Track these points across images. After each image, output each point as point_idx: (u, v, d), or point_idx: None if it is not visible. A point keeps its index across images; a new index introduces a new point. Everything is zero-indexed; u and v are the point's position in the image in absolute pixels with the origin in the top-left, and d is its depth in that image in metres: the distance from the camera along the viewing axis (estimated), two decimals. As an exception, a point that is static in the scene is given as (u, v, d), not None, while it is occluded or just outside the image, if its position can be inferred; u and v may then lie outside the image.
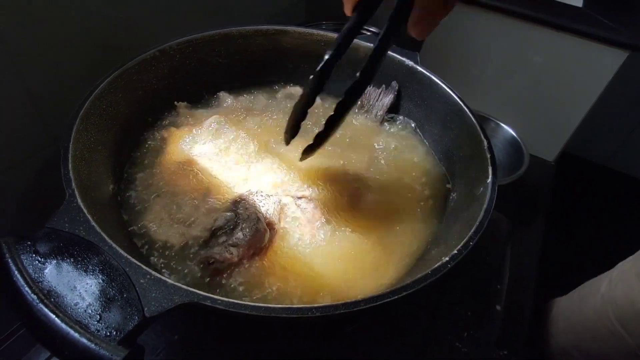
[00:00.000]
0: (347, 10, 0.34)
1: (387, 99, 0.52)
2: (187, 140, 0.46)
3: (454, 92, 0.46)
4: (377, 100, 0.53)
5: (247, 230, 0.36)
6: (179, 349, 0.37)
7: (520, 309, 0.67)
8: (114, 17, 0.52)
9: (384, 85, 0.53)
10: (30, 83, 0.46)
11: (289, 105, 0.53)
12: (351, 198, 0.43)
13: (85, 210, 0.29)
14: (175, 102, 0.50)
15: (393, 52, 0.52)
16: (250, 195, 0.40)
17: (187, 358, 0.37)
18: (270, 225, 0.38)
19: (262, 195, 0.40)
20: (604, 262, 0.72)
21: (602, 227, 1.46)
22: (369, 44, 0.50)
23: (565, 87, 0.88)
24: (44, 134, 0.50)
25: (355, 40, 0.39)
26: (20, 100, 0.46)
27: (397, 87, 0.53)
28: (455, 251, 0.30)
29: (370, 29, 0.92)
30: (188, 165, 0.43)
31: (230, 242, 0.35)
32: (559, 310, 0.73)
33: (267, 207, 0.39)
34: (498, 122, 0.90)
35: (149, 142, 0.46)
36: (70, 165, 0.32)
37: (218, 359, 0.38)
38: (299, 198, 0.41)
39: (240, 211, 0.37)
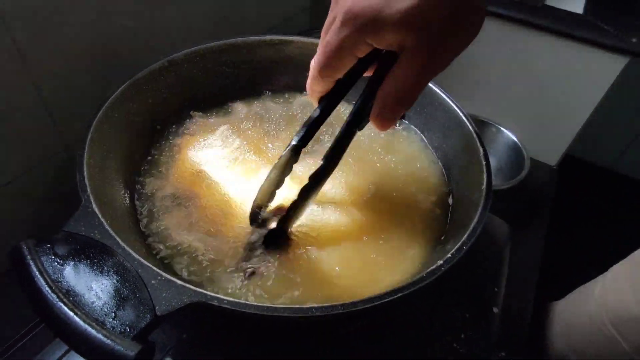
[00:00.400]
0: (314, 102, 0.36)
1: None
2: (199, 148, 0.48)
3: (452, 101, 0.48)
4: None
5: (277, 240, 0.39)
6: (187, 347, 0.39)
7: (520, 312, 0.68)
8: (126, 29, 0.54)
9: None
10: (44, 92, 0.48)
11: (301, 114, 0.55)
12: (363, 204, 0.45)
13: (99, 215, 0.31)
14: (191, 112, 0.52)
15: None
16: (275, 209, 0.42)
17: (194, 356, 0.39)
18: (297, 232, 0.40)
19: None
20: (605, 265, 0.73)
21: (605, 229, 1.46)
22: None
23: (567, 92, 0.89)
24: (56, 141, 0.52)
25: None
26: (35, 108, 0.48)
27: None
28: (449, 255, 0.32)
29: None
30: (199, 174, 0.45)
31: (265, 252, 0.39)
32: (555, 314, 0.74)
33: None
34: (499, 127, 0.91)
35: (159, 150, 0.48)
36: (85, 172, 0.34)
37: (224, 357, 0.39)
38: (318, 206, 0.44)
39: (272, 225, 0.40)
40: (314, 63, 0.33)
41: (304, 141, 0.36)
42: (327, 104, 0.35)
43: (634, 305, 0.56)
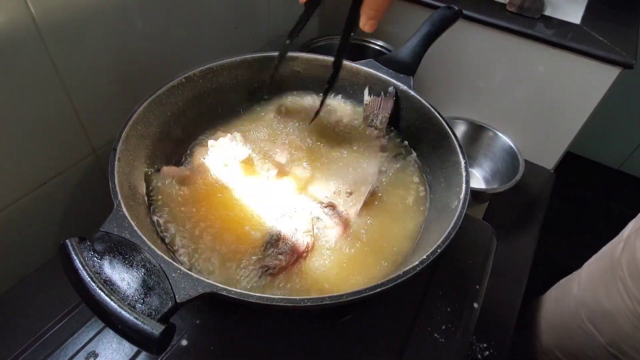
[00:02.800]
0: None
1: (390, 103, 0.58)
2: (212, 157, 0.53)
3: (440, 116, 0.53)
4: (379, 108, 0.59)
5: (288, 240, 0.45)
6: (200, 331, 0.45)
7: (507, 309, 0.73)
8: (146, 45, 0.60)
9: (382, 92, 0.59)
10: (74, 100, 0.54)
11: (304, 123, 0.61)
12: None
13: (129, 218, 0.37)
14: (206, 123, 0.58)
15: (389, 76, 0.58)
16: (286, 213, 0.48)
17: (205, 338, 0.45)
18: (307, 233, 0.46)
19: (294, 211, 0.48)
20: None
21: (603, 226, 1.49)
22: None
23: (563, 100, 0.93)
24: (86, 145, 0.59)
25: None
26: (67, 115, 0.54)
27: (394, 92, 0.58)
28: (424, 256, 0.37)
29: (378, 42, 0.98)
30: (213, 182, 0.50)
31: (277, 251, 0.44)
32: (538, 310, 0.79)
33: (301, 219, 0.47)
34: (496, 131, 0.95)
35: (175, 158, 0.54)
36: (116, 180, 0.40)
37: (230, 340, 0.45)
38: (326, 207, 0.49)
39: (281, 226, 0.46)
40: None
41: (296, 31, 0.52)
42: (311, 4, 0.49)
43: (606, 299, 0.61)
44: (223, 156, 0.53)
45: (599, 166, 1.75)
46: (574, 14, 0.93)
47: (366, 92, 0.60)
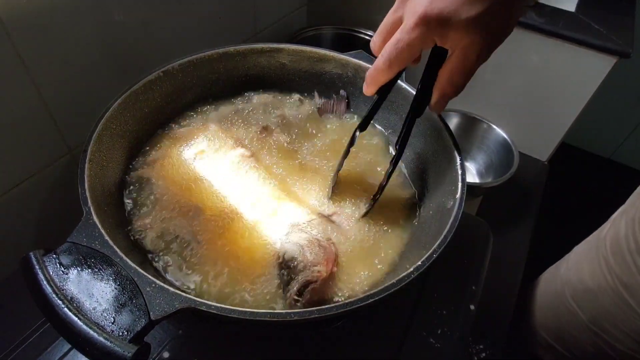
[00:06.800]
0: (370, 92, 0.43)
1: (342, 105, 0.59)
2: (194, 155, 0.50)
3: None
4: (332, 111, 0.59)
5: (316, 248, 0.41)
6: (182, 341, 0.43)
7: (502, 307, 0.71)
8: (122, 37, 0.56)
9: (334, 95, 0.59)
10: (46, 97, 0.51)
11: (293, 117, 0.58)
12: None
13: (99, 226, 0.34)
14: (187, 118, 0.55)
15: (381, 68, 0.55)
16: (295, 225, 0.44)
17: (189, 349, 0.42)
18: (329, 240, 0.43)
19: (304, 223, 0.45)
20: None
21: (596, 216, 1.48)
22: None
23: (558, 91, 0.91)
24: (60, 144, 0.55)
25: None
26: (39, 113, 0.51)
27: (346, 95, 0.58)
28: (419, 262, 0.35)
29: (368, 32, 0.95)
30: (194, 180, 0.48)
31: (310, 263, 0.39)
32: (528, 294, 0.78)
33: (315, 229, 0.44)
34: (490, 124, 0.93)
35: (153, 157, 0.51)
36: (86, 185, 0.37)
37: (214, 351, 0.43)
38: (331, 215, 0.46)
39: (297, 238, 0.42)
40: (382, 58, 0.38)
41: (365, 123, 0.46)
42: (383, 93, 0.44)
43: (588, 277, 0.61)
44: (209, 158, 0.50)
45: (590, 156, 1.74)
46: (569, 2, 0.90)
47: (316, 95, 0.59)
